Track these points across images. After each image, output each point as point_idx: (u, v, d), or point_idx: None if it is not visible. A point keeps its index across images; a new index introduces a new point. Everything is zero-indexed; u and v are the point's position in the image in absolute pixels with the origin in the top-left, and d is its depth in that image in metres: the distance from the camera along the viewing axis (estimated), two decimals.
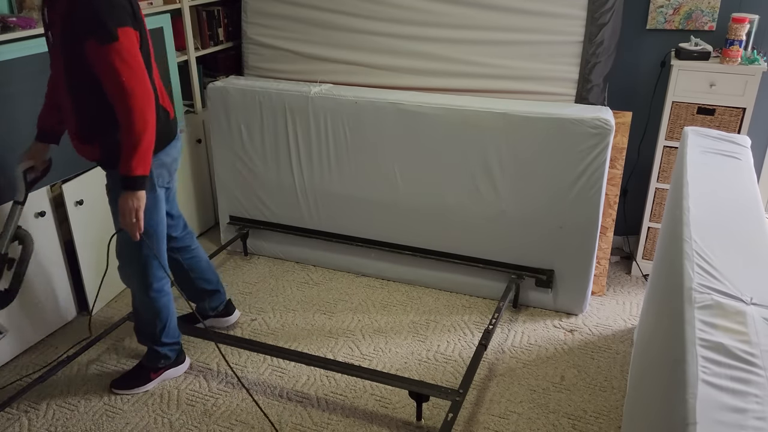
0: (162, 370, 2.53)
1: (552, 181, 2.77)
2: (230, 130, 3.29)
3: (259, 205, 3.40)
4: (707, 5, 2.96)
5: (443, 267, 3.12)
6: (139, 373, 2.52)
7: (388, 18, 3.11)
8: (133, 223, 2.04)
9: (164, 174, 2.22)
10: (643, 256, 3.25)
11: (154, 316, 2.40)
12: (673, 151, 3.01)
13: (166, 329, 2.45)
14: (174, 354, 2.54)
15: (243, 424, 2.34)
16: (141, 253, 2.25)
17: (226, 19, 3.66)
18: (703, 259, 1.49)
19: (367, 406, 2.43)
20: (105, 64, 1.86)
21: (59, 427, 2.34)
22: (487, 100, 2.89)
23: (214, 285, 2.75)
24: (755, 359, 1.18)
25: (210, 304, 2.79)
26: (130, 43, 1.87)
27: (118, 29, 1.84)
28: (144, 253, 2.25)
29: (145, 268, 2.28)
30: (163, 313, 2.40)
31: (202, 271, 2.69)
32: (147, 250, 2.25)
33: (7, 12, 2.61)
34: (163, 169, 2.21)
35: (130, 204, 2.00)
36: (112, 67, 1.85)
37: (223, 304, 2.85)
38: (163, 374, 2.54)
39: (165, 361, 2.52)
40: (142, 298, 2.36)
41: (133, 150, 1.93)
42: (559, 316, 2.96)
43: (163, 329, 2.43)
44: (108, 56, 1.84)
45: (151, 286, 2.33)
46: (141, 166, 1.97)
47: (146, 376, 2.51)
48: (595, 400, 2.44)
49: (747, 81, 2.79)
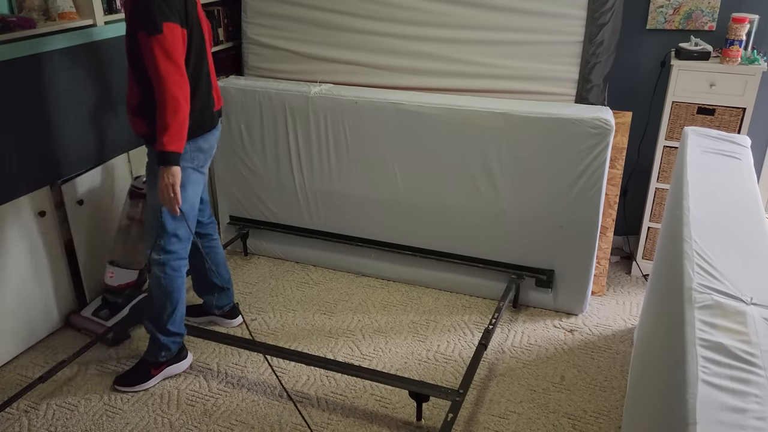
0: (163, 366, 2.53)
1: (552, 181, 2.77)
2: (230, 130, 3.29)
3: (259, 205, 3.40)
4: (707, 5, 2.96)
5: (443, 267, 3.12)
6: (141, 369, 2.52)
7: (388, 18, 3.11)
8: (171, 197, 2.19)
9: (200, 157, 2.37)
10: (643, 256, 3.25)
11: (165, 297, 2.41)
12: (673, 151, 3.01)
13: (174, 316, 2.46)
14: (176, 347, 2.53)
15: (243, 424, 2.34)
16: (162, 228, 2.34)
17: (226, 19, 3.66)
18: (703, 259, 1.49)
19: (367, 406, 2.43)
20: (148, 52, 2.11)
21: (59, 427, 2.34)
22: (487, 100, 2.89)
23: (225, 282, 2.80)
24: (755, 359, 1.18)
25: (217, 301, 2.82)
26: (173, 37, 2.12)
27: (164, 24, 2.09)
28: (165, 227, 2.34)
29: (164, 242, 2.36)
30: (174, 296, 2.43)
31: (217, 264, 2.75)
32: (168, 225, 2.33)
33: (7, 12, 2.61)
34: (200, 152, 2.36)
35: (165, 179, 2.17)
36: (153, 55, 2.10)
37: (230, 306, 2.87)
38: (164, 370, 2.53)
39: (166, 353, 2.51)
40: (157, 273, 2.40)
41: (164, 129, 2.12)
42: (559, 316, 2.96)
43: (171, 314, 2.44)
44: (151, 46, 2.09)
45: (167, 263, 2.38)
46: (173, 143, 2.14)
47: (147, 372, 2.51)
48: (595, 400, 2.44)
49: (747, 81, 2.79)
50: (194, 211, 2.42)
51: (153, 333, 2.48)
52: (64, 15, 2.71)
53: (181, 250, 2.41)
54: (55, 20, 2.69)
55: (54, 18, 2.70)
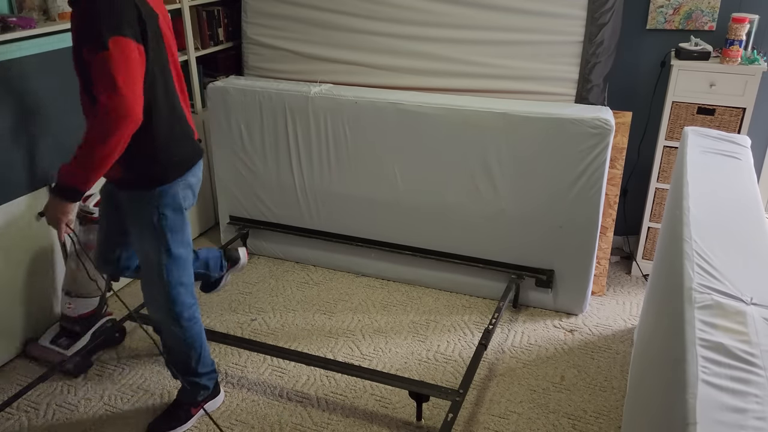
0: (201, 404, 2.34)
1: (552, 181, 2.77)
2: (230, 130, 3.29)
3: (259, 205, 3.40)
4: (707, 5, 2.96)
5: (443, 267, 3.12)
6: (178, 412, 2.33)
7: (388, 18, 3.11)
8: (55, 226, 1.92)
9: (189, 196, 2.12)
10: (643, 256, 3.25)
11: (188, 347, 2.24)
12: (673, 151, 3.01)
13: (201, 359, 2.29)
14: (212, 383, 2.37)
15: (243, 424, 2.34)
16: (165, 282, 2.11)
17: (226, 19, 3.66)
18: (703, 259, 1.49)
19: (367, 406, 2.43)
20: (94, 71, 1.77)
21: (59, 427, 2.34)
22: (487, 100, 2.89)
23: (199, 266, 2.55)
24: (755, 359, 1.18)
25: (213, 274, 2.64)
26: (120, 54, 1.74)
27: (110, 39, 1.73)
28: (167, 280, 2.11)
29: (172, 296, 2.14)
30: (197, 343, 2.25)
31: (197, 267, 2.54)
32: (170, 276, 2.11)
33: (7, 12, 2.61)
34: (189, 190, 2.11)
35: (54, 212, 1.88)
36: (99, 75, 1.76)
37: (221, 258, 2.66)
38: (203, 408, 2.33)
39: (204, 392, 2.34)
40: (173, 330, 2.20)
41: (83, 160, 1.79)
42: (559, 316, 2.96)
43: (198, 359, 2.28)
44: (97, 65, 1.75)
45: (181, 315, 2.17)
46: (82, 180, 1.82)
47: (186, 412, 2.33)
48: (595, 400, 2.44)
49: (747, 81, 2.79)
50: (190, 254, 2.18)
51: (186, 379, 2.30)
52: (64, 15, 2.71)
53: (189, 299, 2.19)
54: (55, 20, 2.70)
55: (54, 18, 2.70)
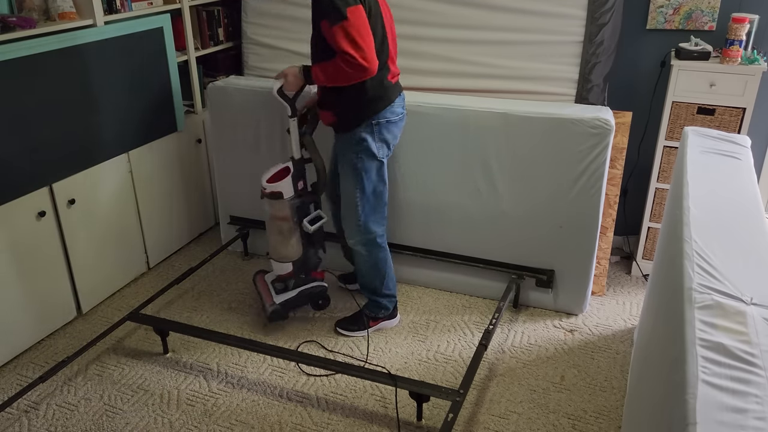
0: (379, 320, 2.83)
1: (552, 181, 2.77)
2: (230, 130, 3.29)
3: (259, 205, 3.39)
4: (707, 5, 2.96)
5: (443, 267, 3.12)
6: (359, 319, 2.82)
7: None
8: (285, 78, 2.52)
9: (384, 148, 2.54)
10: (643, 256, 3.25)
11: (373, 269, 2.70)
12: (673, 151, 3.01)
13: (385, 281, 2.74)
14: (392, 305, 2.83)
15: (243, 424, 2.34)
16: (359, 212, 2.58)
17: (226, 19, 3.66)
18: (703, 259, 1.49)
19: (367, 406, 2.43)
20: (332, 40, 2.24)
21: (59, 427, 2.34)
22: (487, 100, 2.89)
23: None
24: (755, 359, 1.18)
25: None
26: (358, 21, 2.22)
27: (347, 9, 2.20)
28: (360, 211, 2.58)
29: (365, 223, 2.60)
30: (381, 266, 2.70)
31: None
32: (362, 208, 2.58)
33: (7, 12, 2.61)
34: (384, 144, 2.53)
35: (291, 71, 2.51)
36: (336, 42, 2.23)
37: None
38: (380, 324, 2.83)
39: (384, 311, 2.82)
40: (362, 252, 2.66)
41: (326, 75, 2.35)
42: (559, 316, 2.96)
43: (383, 281, 2.74)
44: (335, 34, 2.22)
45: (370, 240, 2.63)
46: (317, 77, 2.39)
47: (365, 323, 2.81)
48: (595, 400, 2.44)
49: (747, 81, 2.79)
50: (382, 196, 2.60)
51: (370, 296, 2.79)
52: (64, 15, 2.72)
53: (377, 230, 2.63)
54: (55, 20, 2.70)
55: (54, 18, 2.70)
